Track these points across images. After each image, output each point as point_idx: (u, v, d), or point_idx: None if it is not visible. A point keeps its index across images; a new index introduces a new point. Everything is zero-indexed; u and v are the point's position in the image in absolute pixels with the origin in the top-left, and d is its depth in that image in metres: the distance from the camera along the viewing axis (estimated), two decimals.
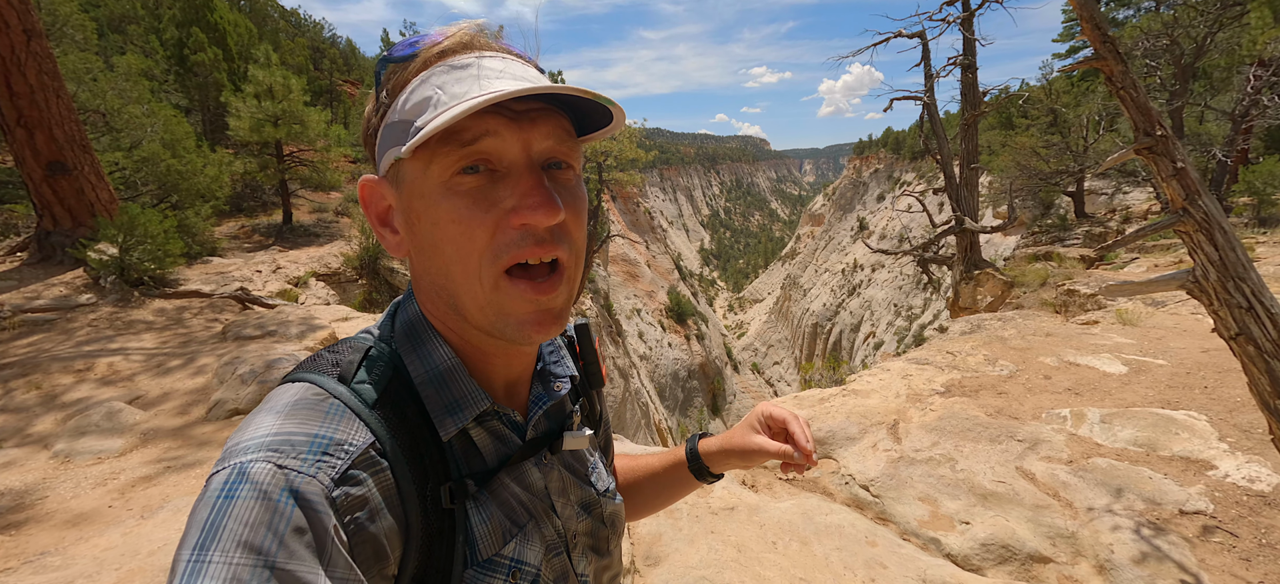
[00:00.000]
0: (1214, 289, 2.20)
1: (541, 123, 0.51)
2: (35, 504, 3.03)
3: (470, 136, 0.48)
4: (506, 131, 0.50)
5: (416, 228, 0.53)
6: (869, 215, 74.67)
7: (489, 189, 0.50)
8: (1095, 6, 2.29)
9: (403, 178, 0.52)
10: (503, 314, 0.52)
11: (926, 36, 10.74)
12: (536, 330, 0.53)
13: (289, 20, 35.10)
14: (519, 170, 0.51)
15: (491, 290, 0.51)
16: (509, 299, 0.52)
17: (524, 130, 0.50)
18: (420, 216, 0.52)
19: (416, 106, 0.50)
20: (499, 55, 0.53)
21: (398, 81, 0.53)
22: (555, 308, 0.54)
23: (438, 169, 0.49)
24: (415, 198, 0.52)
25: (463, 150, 0.49)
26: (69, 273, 7.29)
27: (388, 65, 0.54)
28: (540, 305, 0.53)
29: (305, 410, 0.48)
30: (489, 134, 0.49)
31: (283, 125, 11.81)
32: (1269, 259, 8.13)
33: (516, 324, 0.53)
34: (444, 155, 0.49)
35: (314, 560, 0.41)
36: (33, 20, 7.20)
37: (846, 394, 4.54)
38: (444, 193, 0.50)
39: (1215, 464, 3.21)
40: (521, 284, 0.51)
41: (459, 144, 0.49)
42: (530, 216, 0.50)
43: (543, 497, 0.62)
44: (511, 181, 0.51)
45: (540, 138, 0.51)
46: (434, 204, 0.50)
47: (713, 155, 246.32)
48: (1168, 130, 2.24)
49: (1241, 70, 12.37)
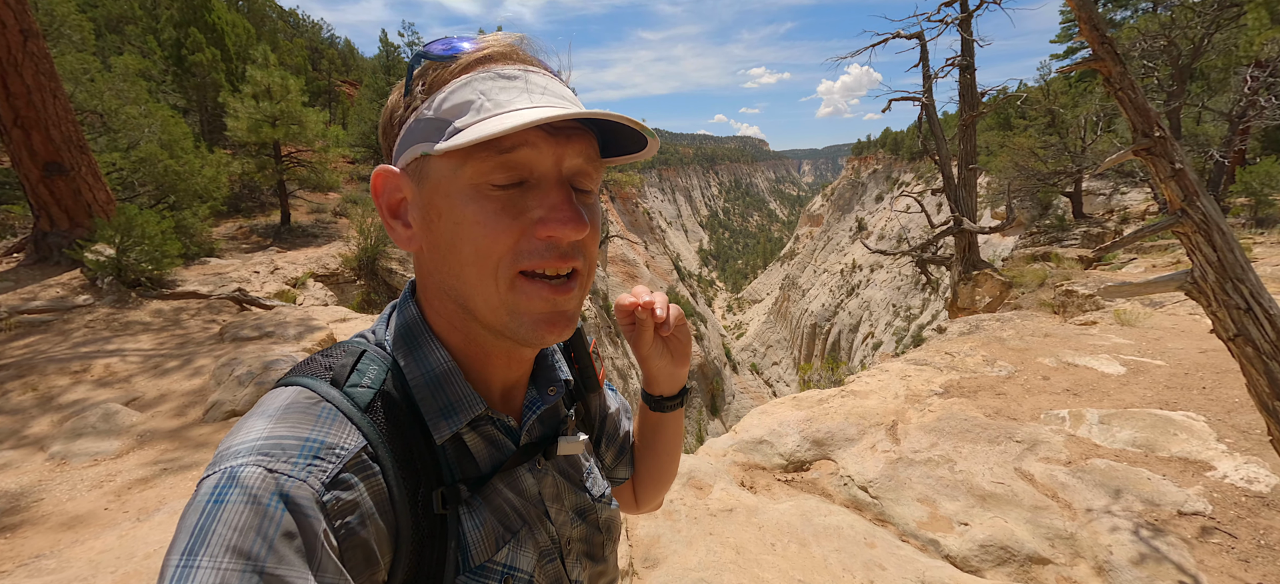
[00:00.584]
0: (1212, 290, 2.20)
1: (576, 141, 0.52)
2: (31, 506, 3.02)
3: (509, 145, 0.49)
4: (544, 145, 0.50)
5: (435, 225, 0.53)
6: (867, 216, 74.77)
7: (518, 198, 0.51)
8: (1093, 7, 2.29)
9: (427, 174, 0.52)
10: (516, 313, 0.53)
11: (924, 37, 10.75)
12: (549, 330, 0.54)
13: (287, 21, 35.04)
14: (549, 184, 0.52)
15: (507, 290, 0.52)
16: (524, 298, 0.52)
17: (559, 146, 0.51)
18: (442, 214, 0.52)
19: (456, 108, 0.50)
20: (542, 72, 0.55)
21: (435, 80, 0.53)
22: (568, 310, 0.55)
23: (470, 172, 0.50)
24: (439, 196, 0.52)
25: (500, 157, 0.49)
26: (66, 274, 7.27)
27: (423, 61, 0.54)
28: (555, 306, 0.53)
29: (297, 414, 0.48)
30: (527, 145, 0.50)
31: (281, 126, 11.80)
32: (1266, 260, 8.15)
33: (530, 323, 0.53)
34: (479, 160, 0.49)
35: (304, 566, 0.40)
36: (29, 20, 7.18)
37: (845, 395, 4.54)
38: (473, 195, 0.50)
39: (1214, 465, 3.21)
40: (538, 284, 0.52)
41: (496, 150, 0.49)
42: (558, 230, 0.51)
43: (536, 502, 0.62)
44: (540, 194, 0.51)
45: (572, 155, 0.52)
46: (460, 205, 0.51)
47: (711, 156, 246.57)
48: (1166, 131, 2.24)
49: (1238, 71, 12.40)
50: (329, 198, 15.17)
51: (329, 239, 12.38)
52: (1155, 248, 10.07)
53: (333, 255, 10.86)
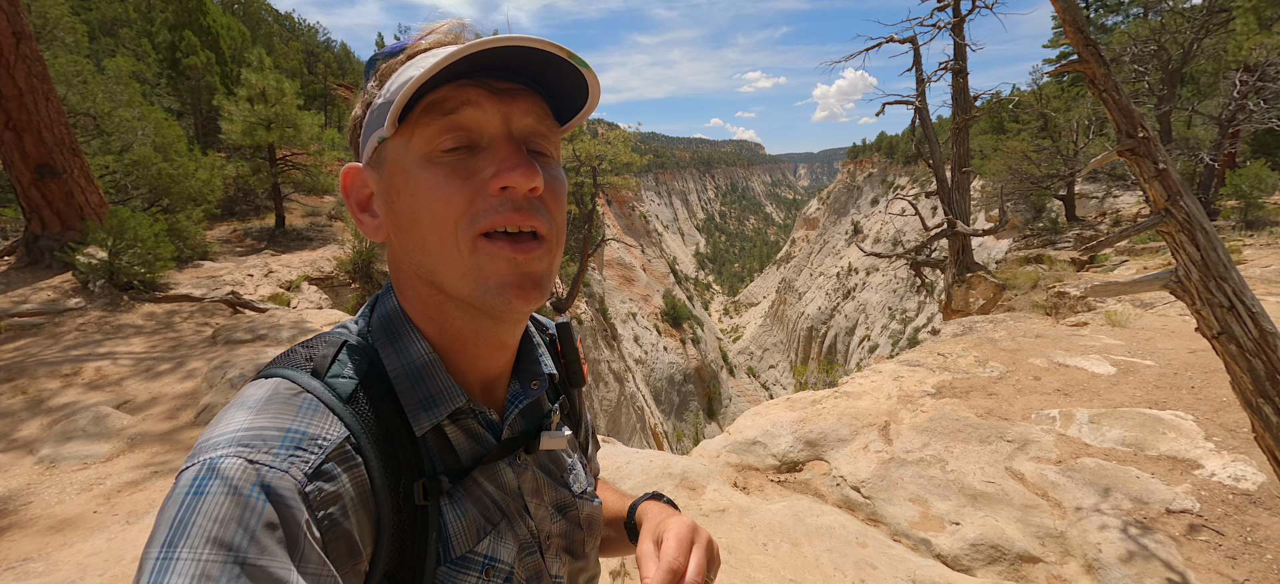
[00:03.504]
0: (1196, 289, 2.23)
1: (522, 99, 0.52)
2: (19, 510, 3.00)
3: (451, 106, 0.49)
4: (488, 103, 0.50)
5: (396, 204, 0.53)
6: (863, 219, 75.05)
7: (468, 160, 0.51)
8: (1078, 11, 2.32)
9: (384, 159, 0.53)
10: (482, 277, 0.52)
11: (918, 42, 10.84)
12: (516, 295, 0.52)
13: (283, 24, 34.99)
14: (499, 141, 0.52)
15: (470, 253, 0.51)
16: (488, 259, 0.51)
17: (504, 105, 0.51)
18: (400, 192, 0.52)
19: (398, 87, 0.50)
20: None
21: (385, 71, 0.54)
22: (535, 272, 0.53)
23: (418, 141, 0.50)
24: (396, 175, 0.52)
25: (443, 119, 0.49)
26: (57, 277, 7.23)
27: (378, 62, 0.55)
28: (519, 266, 0.52)
29: (278, 405, 0.47)
30: (470, 104, 0.50)
31: (275, 129, 11.78)
32: (1256, 262, 8.22)
33: (496, 287, 0.52)
34: (424, 126, 0.50)
35: (286, 556, 0.40)
36: (22, 23, 7.16)
37: (838, 396, 4.56)
38: (423, 164, 0.50)
39: (1201, 463, 3.23)
40: (500, 243, 0.51)
41: (439, 113, 0.49)
42: (509, 178, 0.50)
43: (516, 496, 0.61)
44: (491, 153, 0.51)
45: (520, 114, 0.52)
46: (413, 177, 0.51)
47: (708, 159, 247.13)
48: (1150, 132, 2.26)
49: (1228, 76, 12.53)
50: (324, 201, 15.13)
51: (324, 242, 12.34)
52: (1147, 250, 10.15)
53: (327, 258, 10.83)
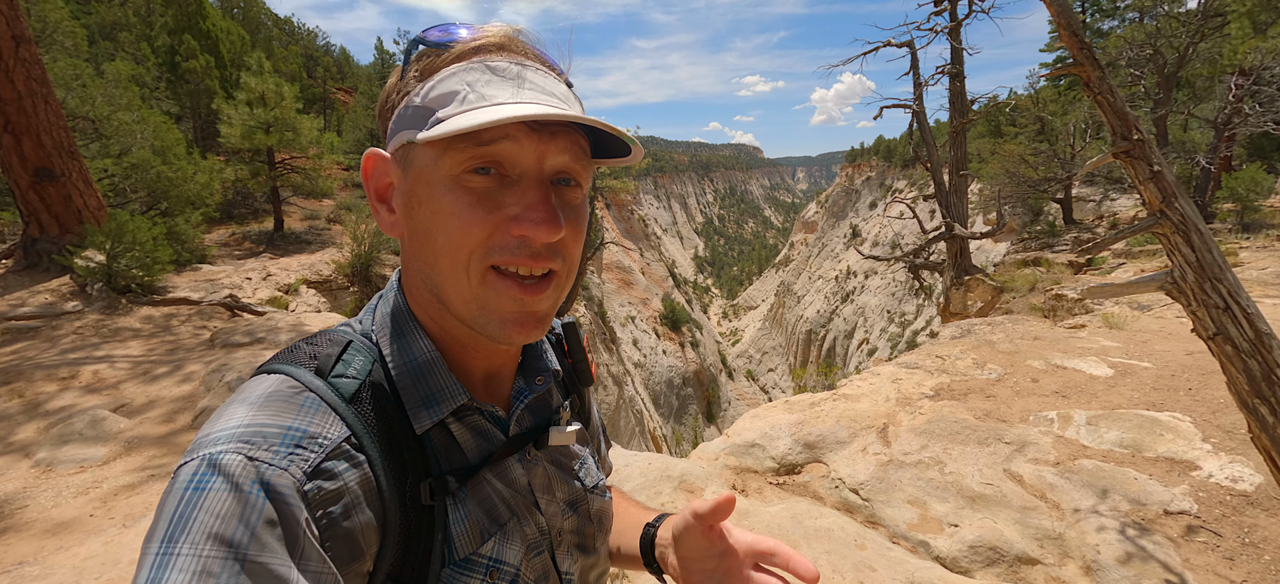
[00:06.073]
0: (1192, 290, 2.24)
1: (560, 138, 0.51)
2: (14, 513, 2.99)
3: (488, 138, 0.48)
4: (525, 139, 0.50)
5: (415, 213, 0.52)
6: (861, 222, 75.12)
7: (496, 192, 0.50)
8: (1073, 14, 2.34)
9: (411, 161, 0.52)
10: (486, 309, 0.52)
11: (915, 46, 10.87)
12: (517, 331, 0.53)
13: (282, 28, 35.04)
14: (529, 180, 0.51)
15: (478, 284, 0.51)
16: (494, 294, 0.51)
17: (542, 142, 0.50)
18: (422, 202, 0.51)
19: (441, 97, 0.50)
20: (538, 65, 0.54)
21: (427, 67, 0.53)
22: (539, 312, 0.54)
23: (449, 162, 0.49)
24: (420, 184, 0.51)
25: (478, 149, 0.49)
26: (55, 280, 7.22)
27: (419, 47, 0.54)
28: (525, 307, 0.52)
29: (279, 402, 0.47)
30: (507, 139, 0.49)
31: (275, 133, 11.78)
32: (1252, 264, 8.25)
33: (499, 322, 0.52)
34: (458, 150, 0.49)
35: (286, 554, 0.40)
36: (21, 26, 7.16)
37: (837, 398, 4.56)
38: (450, 186, 0.50)
39: (1199, 465, 3.24)
40: (508, 282, 0.51)
41: (476, 142, 0.49)
42: (531, 230, 0.50)
43: (526, 493, 0.61)
44: (519, 191, 0.51)
45: (556, 152, 0.51)
46: (438, 194, 0.50)
47: (706, 163, 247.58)
48: (1144, 135, 2.28)
49: (1223, 79, 12.60)
50: (323, 204, 15.13)
51: (322, 245, 12.34)
52: (1144, 253, 10.17)
53: (326, 262, 10.83)
